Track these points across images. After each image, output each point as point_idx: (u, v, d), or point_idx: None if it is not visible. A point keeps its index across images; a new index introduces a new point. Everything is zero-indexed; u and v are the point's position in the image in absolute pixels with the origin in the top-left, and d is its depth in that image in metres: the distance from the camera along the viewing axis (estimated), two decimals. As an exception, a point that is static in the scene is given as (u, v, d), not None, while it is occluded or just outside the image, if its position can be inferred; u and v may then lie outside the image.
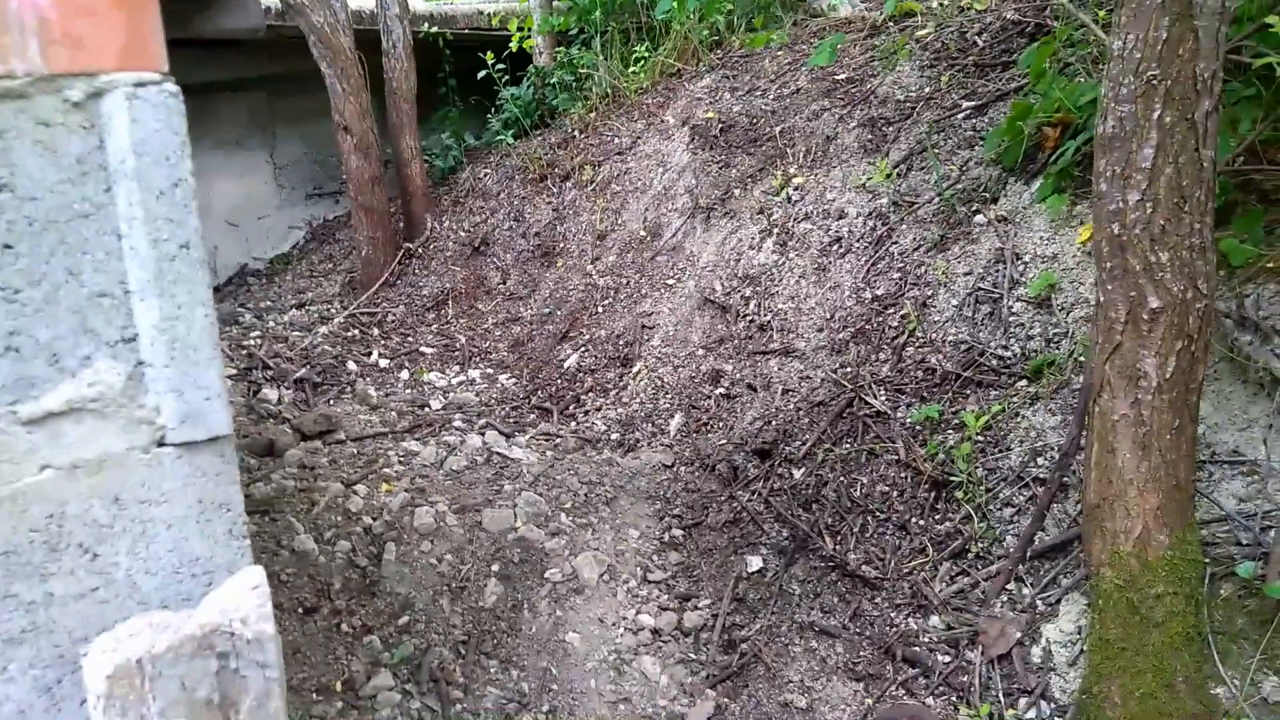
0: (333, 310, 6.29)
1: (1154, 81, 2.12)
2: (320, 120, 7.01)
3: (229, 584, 1.18)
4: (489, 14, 7.74)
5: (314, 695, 3.11)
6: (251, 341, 5.81)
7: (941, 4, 6.06)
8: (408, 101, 6.67)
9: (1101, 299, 2.34)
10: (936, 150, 4.53)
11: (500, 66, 6.61)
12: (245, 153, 7.92)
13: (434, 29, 7.36)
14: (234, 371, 5.24)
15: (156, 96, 1.12)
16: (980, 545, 3.07)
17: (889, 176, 4.37)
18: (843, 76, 5.70)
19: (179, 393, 1.18)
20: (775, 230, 4.64)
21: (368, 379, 5.19)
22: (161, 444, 1.19)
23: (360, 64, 6.16)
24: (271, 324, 6.21)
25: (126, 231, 1.13)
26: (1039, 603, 2.85)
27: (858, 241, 4.26)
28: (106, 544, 1.16)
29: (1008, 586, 2.92)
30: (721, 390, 4.22)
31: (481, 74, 6.95)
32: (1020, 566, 2.93)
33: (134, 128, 1.10)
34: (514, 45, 7.11)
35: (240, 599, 1.16)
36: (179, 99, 1.14)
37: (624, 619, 3.44)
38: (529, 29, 7.19)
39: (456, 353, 5.45)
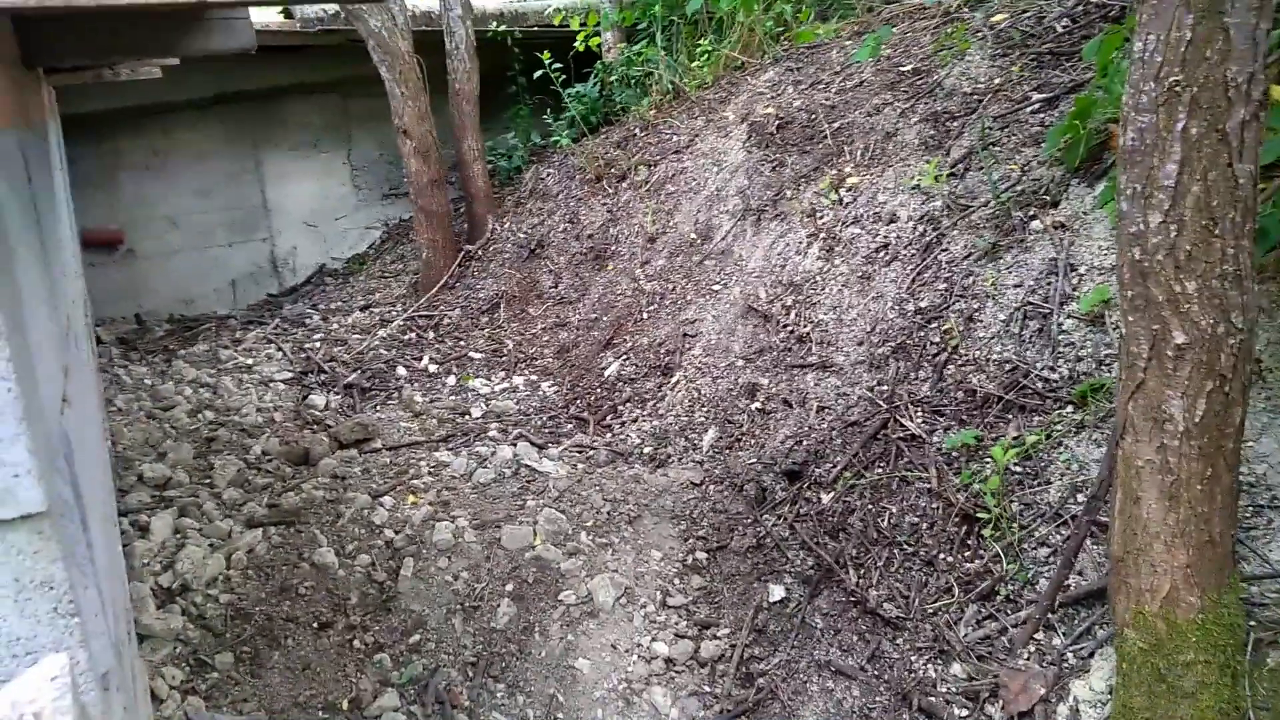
0: (394, 313, 6.36)
1: (1177, 88, 1.86)
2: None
3: (29, 674, 1.12)
4: (555, 10, 7.67)
5: (320, 713, 3.11)
6: (314, 344, 5.92)
7: (1023, -16, 5.66)
8: (470, 103, 6.67)
9: (1124, 331, 2.08)
10: (999, 148, 4.22)
11: (557, 66, 6.52)
12: (322, 155, 8.10)
13: (503, 27, 7.33)
14: (290, 375, 5.35)
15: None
16: (1010, 588, 2.82)
17: (938, 179, 4.08)
18: (909, 67, 5.38)
19: (-16, 471, 1.12)
20: (822, 234, 4.41)
21: (415, 384, 5.21)
22: (-30, 523, 1.13)
23: (419, 67, 6.18)
24: (335, 326, 6.32)
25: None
26: (1069, 655, 2.59)
27: (905, 248, 4.00)
28: (-90, 627, 1.11)
29: (1036, 635, 2.67)
30: (757, 405, 4.04)
31: (540, 73, 6.87)
32: (1051, 614, 2.67)
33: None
34: (579, 44, 7.01)
35: (36, 691, 1.10)
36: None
37: (638, 646, 3.32)
38: (594, 26, 7.08)
39: (504, 358, 5.42)
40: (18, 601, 1.18)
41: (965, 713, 2.65)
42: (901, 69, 5.35)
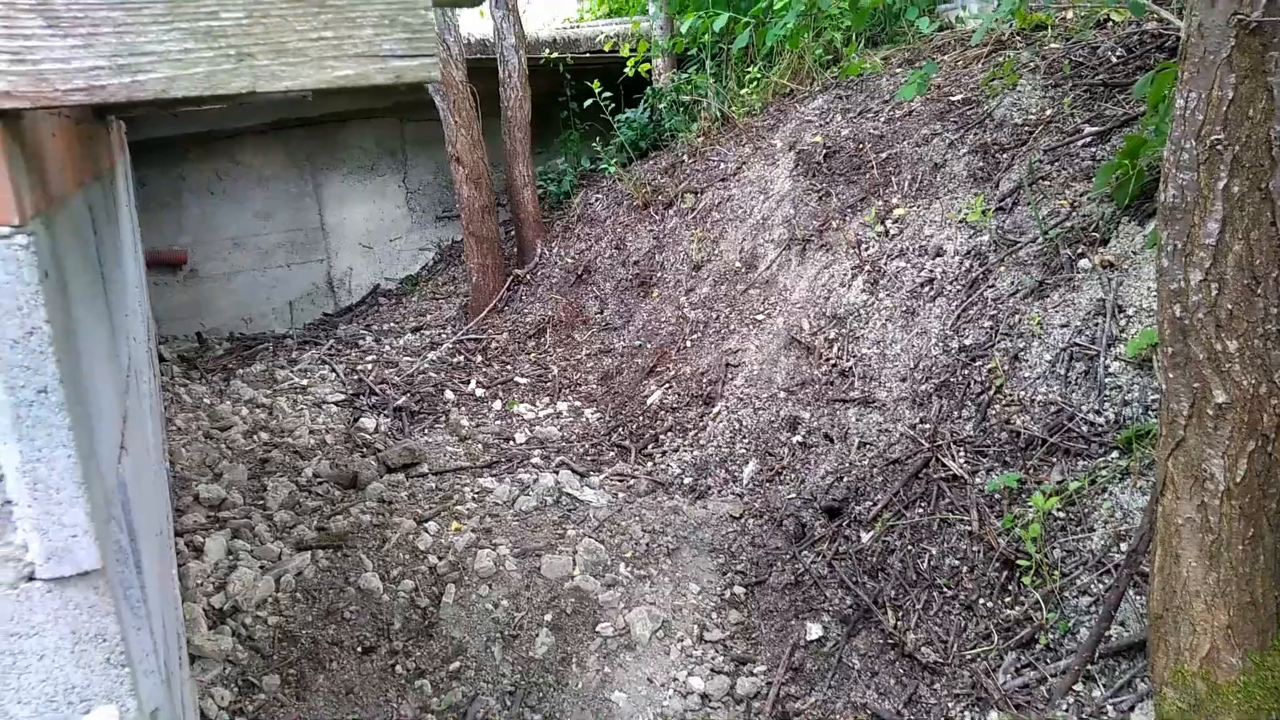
0: (444, 335, 6.47)
1: (1219, 147, 1.84)
2: (447, 146, 7.23)
3: (83, 725, 1.19)
4: (607, 36, 7.76)
5: (361, 738, 3.18)
6: (366, 366, 6.05)
7: (1077, 13, 5.60)
8: (522, 130, 6.79)
9: (1164, 387, 2.06)
10: (1049, 181, 4.18)
11: (607, 95, 6.60)
12: (378, 178, 8.29)
13: (555, 54, 7.44)
14: (341, 397, 5.47)
15: (6, 250, 1.13)
16: (1050, 636, 2.78)
17: (984, 213, 4.05)
18: (959, 97, 5.36)
19: (43, 531, 1.20)
20: (867, 267, 4.40)
21: (462, 408, 5.30)
22: (31, 579, 1.21)
23: (472, 96, 6.31)
24: (387, 348, 6.45)
25: (-16, 378, 1.15)
26: (1109, 708, 2.55)
27: (951, 284, 3.98)
28: (-28, 678, 1.19)
29: (1075, 686, 2.63)
30: (798, 439, 4.04)
31: (590, 101, 6.96)
32: (1091, 665, 2.63)
33: (-17, 281, 1.12)
34: (629, 70, 7.09)
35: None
36: (31, 250, 1.16)
37: (674, 680, 3.34)
38: (644, 53, 7.16)
39: (548, 384, 5.49)
40: (74, 653, 1.25)
41: (1002, 763, 2.63)
42: (951, 98, 5.32)
